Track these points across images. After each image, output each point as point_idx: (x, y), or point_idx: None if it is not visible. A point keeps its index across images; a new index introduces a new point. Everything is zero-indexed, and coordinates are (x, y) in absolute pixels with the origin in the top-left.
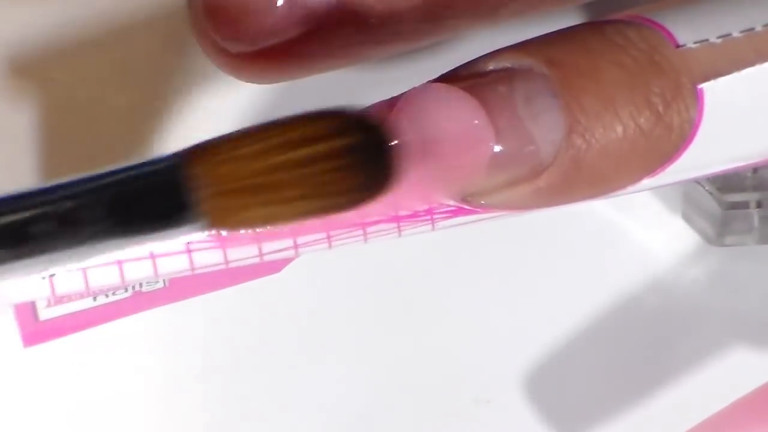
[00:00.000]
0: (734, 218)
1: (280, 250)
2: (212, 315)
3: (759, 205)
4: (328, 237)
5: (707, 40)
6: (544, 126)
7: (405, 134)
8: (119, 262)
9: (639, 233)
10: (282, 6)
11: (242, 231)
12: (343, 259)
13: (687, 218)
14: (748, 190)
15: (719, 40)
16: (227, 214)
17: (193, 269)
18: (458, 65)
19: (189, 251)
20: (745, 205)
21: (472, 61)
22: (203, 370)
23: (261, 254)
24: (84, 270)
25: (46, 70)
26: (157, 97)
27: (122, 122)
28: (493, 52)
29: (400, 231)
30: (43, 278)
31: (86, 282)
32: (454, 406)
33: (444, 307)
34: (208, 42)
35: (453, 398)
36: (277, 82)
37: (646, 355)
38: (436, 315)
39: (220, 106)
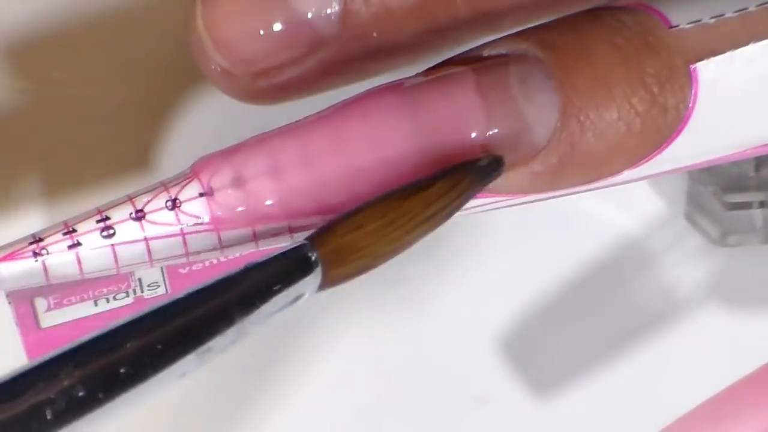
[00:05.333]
0: (737, 218)
1: (275, 235)
2: None
3: (762, 205)
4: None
5: (700, 20)
6: (538, 107)
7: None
8: (113, 246)
9: (642, 234)
10: (280, 30)
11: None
12: None
13: (690, 218)
14: (751, 190)
15: (713, 21)
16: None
17: (187, 254)
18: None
19: (183, 234)
20: (748, 205)
21: (467, 50)
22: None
23: (256, 239)
24: (77, 254)
25: (46, 70)
26: (157, 97)
27: (122, 122)
28: (490, 41)
29: None
30: (36, 260)
31: (80, 266)
32: (454, 406)
33: (444, 306)
34: (207, 65)
35: (453, 398)
36: (276, 104)
37: (648, 357)
38: (437, 315)
39: (220, 105)
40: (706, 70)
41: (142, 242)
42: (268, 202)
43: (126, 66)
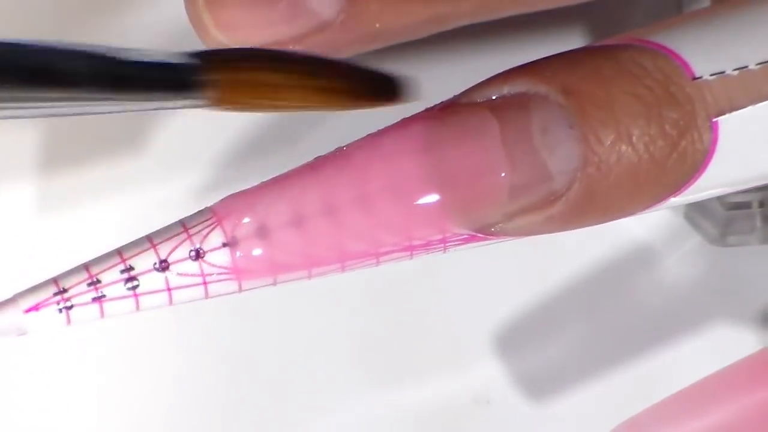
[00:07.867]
0: (737, 218)
1: (295, 279)
2: (209, 312)
3: (761, 204)
4: (342, 266)
5: (724, 72)
6: (560, 157)
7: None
8: (136, 295)
9: (641, 233)
10: (281, 13)
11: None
12: None
13: (689, 218)
14: (750, 190)
15: (736, 73)
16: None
17: (207, 297)
18: (470, 86)
19: (205, 283)
20: (747, 205)
21: (484, 82)
22: (200, 366)
23: (275, 283)
24: (101, 304)
25: None
26: None
27: (122, 121)
28: (507, 73)
29: (412, 256)
30: (60, 311)
31: (102, 313)
32: (454, 406)
33: (444, 307)
34: (208, 40)
35: (453, 398)
36: None
37: (647, 356)
38: (436, 315)
39: None
40: (727, 122)
41: (165, 292)
42: (292, 254)
43: None
